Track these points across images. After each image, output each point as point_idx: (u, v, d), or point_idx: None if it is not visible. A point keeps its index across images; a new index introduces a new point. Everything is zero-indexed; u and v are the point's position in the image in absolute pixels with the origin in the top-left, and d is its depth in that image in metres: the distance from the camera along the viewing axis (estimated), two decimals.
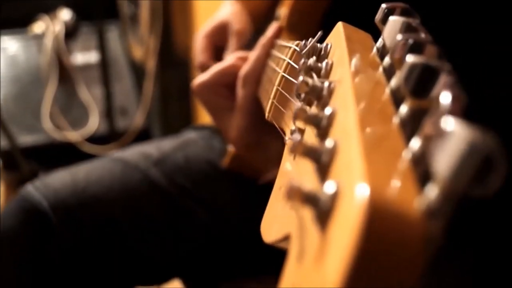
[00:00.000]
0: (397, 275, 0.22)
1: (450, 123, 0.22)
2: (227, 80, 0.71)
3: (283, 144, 0.67)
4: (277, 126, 0.52)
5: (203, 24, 0.89)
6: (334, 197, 0.25)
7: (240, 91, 0.68)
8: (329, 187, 0.25)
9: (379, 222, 0.21)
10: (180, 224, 0.87)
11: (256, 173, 0.86)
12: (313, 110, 0.33)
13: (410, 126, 0.28)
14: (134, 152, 0.92)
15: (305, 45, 0.43)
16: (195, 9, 2.02)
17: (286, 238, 0.34)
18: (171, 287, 0.99)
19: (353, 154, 0.25)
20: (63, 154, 2.03)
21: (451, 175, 0.21)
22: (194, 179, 0.89)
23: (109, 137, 2.09)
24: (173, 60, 2.14)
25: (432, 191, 0.22)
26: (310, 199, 0.26)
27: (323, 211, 0.25)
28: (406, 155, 0.26)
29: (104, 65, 2.06)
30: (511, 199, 0.63)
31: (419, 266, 0.22)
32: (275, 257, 0.90)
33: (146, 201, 0.87)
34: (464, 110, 0.23)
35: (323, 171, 0.28)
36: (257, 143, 0.69)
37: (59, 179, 0.86)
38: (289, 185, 0.26)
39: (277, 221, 0.38)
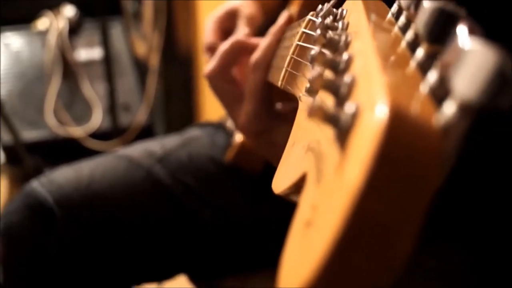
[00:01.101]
0: (416, 183, 0.23)
1: (468, 43, 0.24)
2: (233, 58, 0.72)
3: (291, 127, 0.68)
4: (290, 91, 0.54)
5: (206, 19, 0.90)
6: (354, 115, 0.27)
7: (250, 77, 0.69)
8: (349, 107, 0.27)
9: (399, 131, 0.23)
10: (183, 221, 0.88)
11: (259, 165, 0.88)
12: (329, 55, 0.34)
13: (426, 66, 0.30)
14: (138, 149, 0.93)
15: (321, 9, 0.45)
16: (198, 6, 2.04)
17: (300, 180, 0.36)
18: (173, 282, 1.00)
19: (373, 81, 0.27)
20: (66, 150, 2.04)
21: (468, 89, 0.23)
22: (197, 176, 0.91)
23: (112, 133, 2.11)
24: (176, 57, 2.16)
25: (449, 108, 0.24)
26: (330, 118, 0.27)
27: (343, 129, 0.27)
28: (424, 85, 0.28)
29: (108, 61, 2.08)
30: (501, 193, 0.65)
31: (435, 179, 0.24)
32: (278, 251, 0.91)
33: (150, 198, 0.88)
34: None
35: (342, 102, 0.30)
36: (266, 129, 0.69)
37: (64, 175, 0.87)
38: (311, 104, 0.27)
39: (290, 169, 0.40)
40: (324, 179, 0.28)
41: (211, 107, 2.03)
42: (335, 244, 0.23)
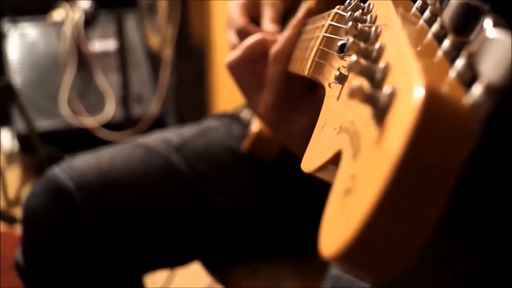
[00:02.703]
0: (449, 153, 0.26)
1: (493, 32, 0.27)
2: (256, 54, 0.75)
3: (308, 117, 0.71)
4: (317, 79, 0.57)
5: (220, 13, 0.91)
6: (391, 95, 0.30)
7: (270, 69, 0.71)
8: (387, 89, 0.30)
9: (435, 108, 0.26)
10: (198, 208, 0.91)
11: (275, 153, 0.91)
12: (363, 45, 0.38)
13: (453, 55, 0.33)
14: (155, 138, 0.96)
15: (349, 3, 0.49)
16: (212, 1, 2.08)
17: (334, 158, 0.39)
18: (187, 269, 1.04)
19: (408, 66, 0.30)
20: (79, 140, 2.08)
21: (493, 72, 0.26)
22: (213, 165, 0.93)
23: (125, 124, 2.15)
24: (189, 49, 2.19)
25: (477, 89, 0.28)
26: (370, 98, 0.31)
27: (381, 108, 0.30)
28: (452, 71, 0.31)
29: (122, 53, 2.11)
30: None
31: (465, 150, 0.27)
32: (289, 240, 0.94)
33: (166, 185, 0.90)
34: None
35: (377, 86, 0.33)
36: (283, 119, 0.73)
37: (84, 162, 0.90)
38: (351, 86, 0.31)
39: (322, 149, 0.43)
40: (362, 153, 0.32)
41: (223, 99, 2.06)
42: (377, 205, 0.26)
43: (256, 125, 0.90)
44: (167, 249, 0.92)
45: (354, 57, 0.34)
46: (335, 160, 0.39)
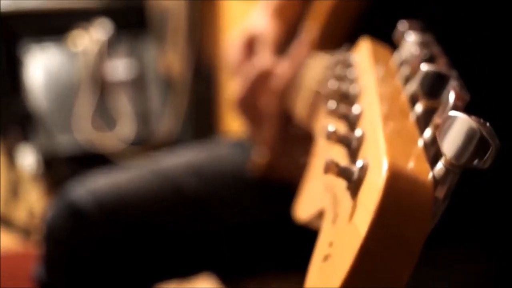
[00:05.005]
0: (409, 229, 0.28)
1: (454, 113, 0.29)
2: (260, 86, 0.77)
3: (308, 148, 0.74)
4: (311, 127, 0.59)
5: (234, 31, 0.94)
6: (363, 170, 0.32)
7: (270, 104, 0.75)
8: (359, 163, 0.33)
9: (396, 188, 0.28)
10: (209, 225, 0.94)
11: (283, 179, 0.94)
12: (343, 109, 0.40)
13: (423, 121, 0.35)
14: (170, 163, 1.00)
15: (334, 56, 0.51)
16: (223, 20, 2.10)
17: (319, 214, 0.41)
18: (196, 281, 1.06)
19: (378, 139, 0.32)
20: (96, 159, 2.12)
21: (452, 152, 0.28)
22: (224, 189, 0.96)
23: (140, 143, 2.19)
24: (203, 70, 2.22)
25: (439, 166, 0.30)
26: (344, 172, 0.33)
27: (354, 181, 0.32)
28: (420, 142, 0.33)
29: (137, 73, 2.15)
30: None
31: (428, 222, 0.29)
32: (300, 255, 0.96)
33: (179, 208, 0.94)
34: (467, 106, 0.31)
35: (353, 154, 0.35)
36: (286, 149, 0.76)
37: (102, 183, 0.95)
38: (327, 161, 0.33)
39: (311, 202, 0.45)
40: (338, 221, 0.34)
41: (235, 119, 2.08)
42: (346, 278, 0.28)
43: (262, 152, 0.92)
44: (178, 261, 0.96)
45: (331, 128, 0.35)
46: (320, 215, 0.41)
